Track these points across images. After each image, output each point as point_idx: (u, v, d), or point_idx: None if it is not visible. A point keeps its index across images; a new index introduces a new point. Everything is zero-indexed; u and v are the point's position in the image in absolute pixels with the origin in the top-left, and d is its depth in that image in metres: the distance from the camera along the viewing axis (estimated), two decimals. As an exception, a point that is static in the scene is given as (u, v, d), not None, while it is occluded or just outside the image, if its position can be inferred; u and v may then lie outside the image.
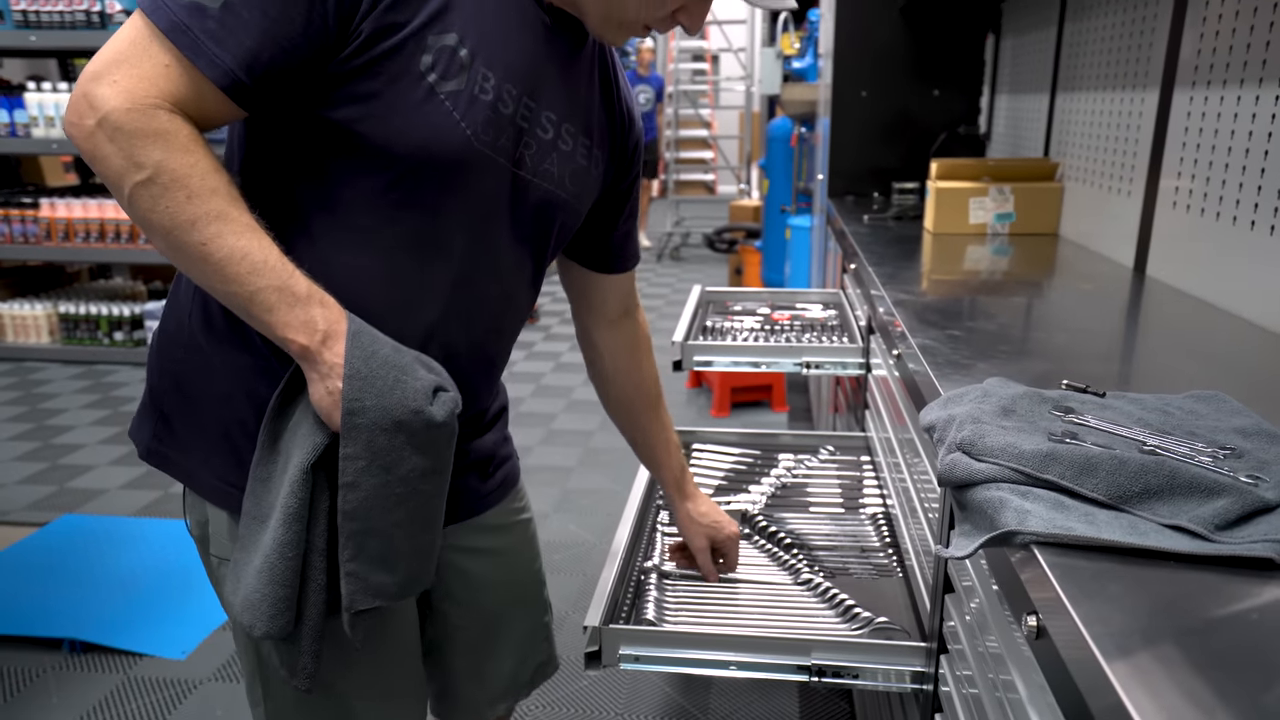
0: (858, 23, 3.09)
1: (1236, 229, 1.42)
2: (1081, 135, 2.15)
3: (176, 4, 0.80)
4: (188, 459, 1.03)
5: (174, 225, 0.82)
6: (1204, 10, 1.55)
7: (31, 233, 4.56)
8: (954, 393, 0.96)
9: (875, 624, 1.21)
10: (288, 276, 0.86)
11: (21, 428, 3.75)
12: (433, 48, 0.89)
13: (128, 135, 0.80)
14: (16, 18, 4.29)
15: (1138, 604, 0.61)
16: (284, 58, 0.84)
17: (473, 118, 0.92)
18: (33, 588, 2.48)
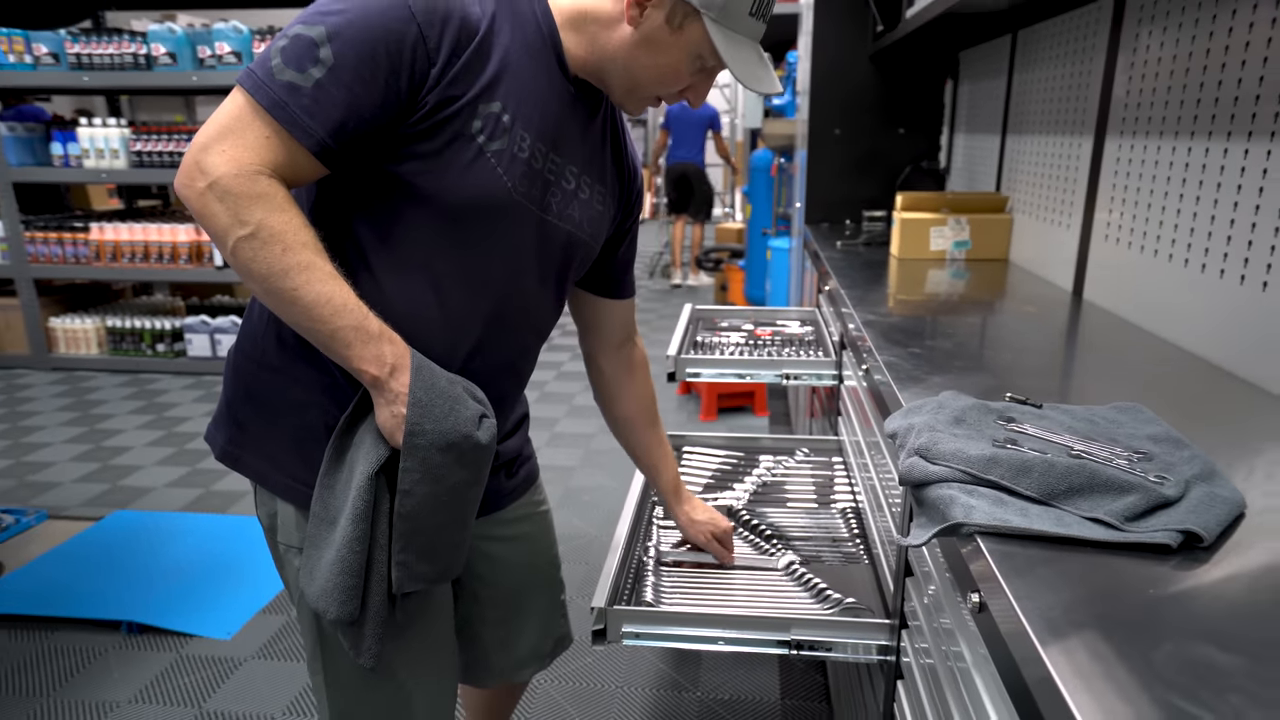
0: (832, 67, 3.11)
1: (1159, 260, 1.44)
2: (1028, 173, 2.16)
3: (276, 83, 0.85)
4: (260, 460, 1.06)
5: (270, 273, 0.87)
6: (1130, 70, 1.58)
7: (82, 254, 4.55)
8: (914, 404, 0.98)
9: (845, 604, 1.21)
10: (363, 317, 0.91)
11: (75, 431, 3.74)
12: (482, 114, 0.94)
13: (235, 197, 0.85)
14: (71, 60, 4.29)
15: (1061, 583, 0.64)
16: (364, 126, 0.89)
17: (513, 173, 0.98)
18: (91, 576, 2.48)
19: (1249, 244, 1.19)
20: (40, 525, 2.81)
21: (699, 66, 1.01)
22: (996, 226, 2.23)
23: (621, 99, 1.07)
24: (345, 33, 0.87)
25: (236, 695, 2.00)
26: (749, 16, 0.97)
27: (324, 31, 0.86)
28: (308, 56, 0.86)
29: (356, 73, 0.87)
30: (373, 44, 0.87)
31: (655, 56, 0.99)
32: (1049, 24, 2.05)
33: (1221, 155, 1.26)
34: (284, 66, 0.86)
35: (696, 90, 1.05)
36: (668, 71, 1.01)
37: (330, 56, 0.86)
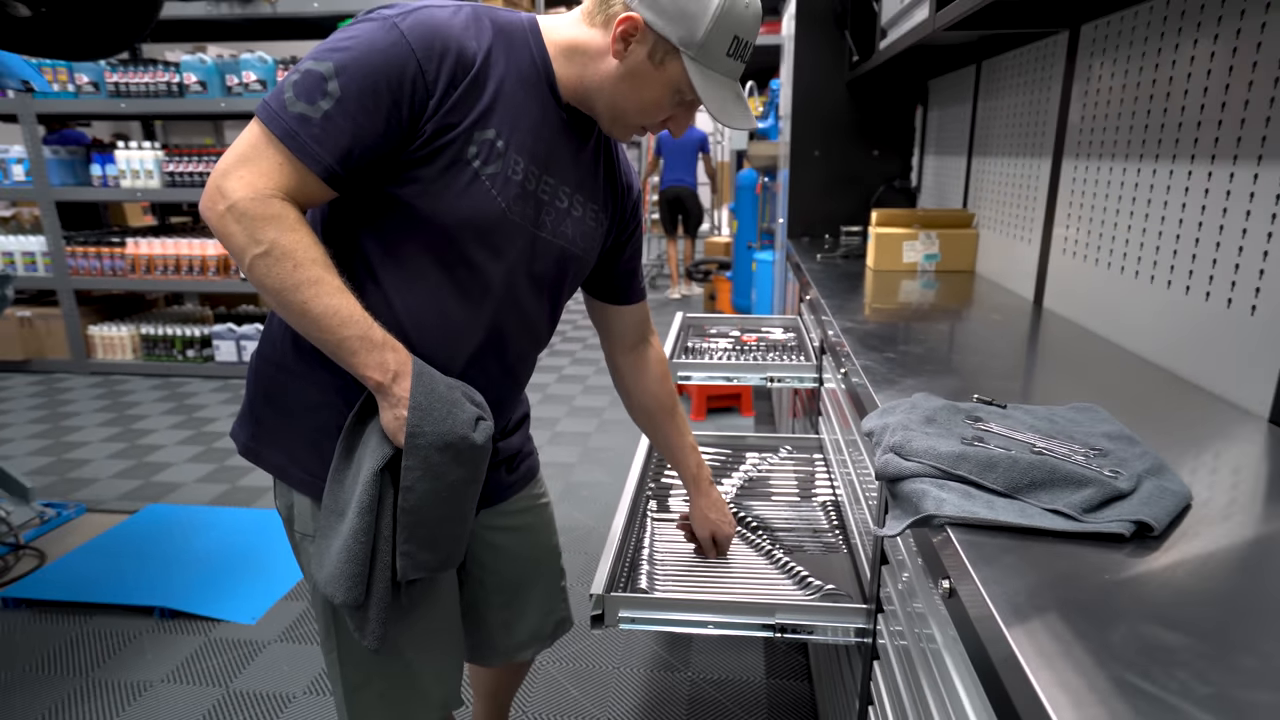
0: (811, 93, 3.11)
1: (1111, 272, 1.44)
2: (992, 192, 2.16)
3: (288, 114, 0.87)
4: (278, 456, 1.07)
5: (283, 288, 0.88)
6: (1084, 98, 1.59)
7: (119, 267, 4.54)
8: (888, 404, 0.98)
9: (826, 590, 1.21)
10: (368, 327, 0.91)
11: (111, 431, 3.73)
12: (477, 140, 0.95)
13: (250, 219, 0.86)
14: (110, 88, 4.29)
15: (1024, 570, 0.65)
16: (369, 153, 0.90)
17: (507, 194, 0.98)
18: (127, 565, 2.47)
19: (1193, 257, 1.20)
20: (79, 518, 2.80)
21: (679, 100, 1.01)
22: (964, 241, 2.23)
23: (608, 127, 1.07)
24: (351, 68, 0.88)
25: (260, 676, 1.99)
26: (726, 57, 0.97)
27: (332, 66, 0.88)
28: (317, 90, 0.87)
29: (361, 104, 0.88)
30: (375, 78, 0.88)
31: (638, 89, 0.99)
32: (1010, 55, 2.06)
33: (1167, 176, 1.27)
34: (295, 99, 0.87)
35: (678, 121, 1.05)
36: (649, 103, 1.01)
37: (337, 89, 0.87)
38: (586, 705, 1.89)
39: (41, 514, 2.73)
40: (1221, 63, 1.14)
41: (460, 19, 0.95)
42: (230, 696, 1.91)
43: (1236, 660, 0.53)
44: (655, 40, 0.95)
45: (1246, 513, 0.78)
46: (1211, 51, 1.17)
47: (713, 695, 1.92)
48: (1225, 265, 1.12)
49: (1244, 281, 1.08)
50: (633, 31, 0.95)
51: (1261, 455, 0.92)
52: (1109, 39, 1.50)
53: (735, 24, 0.95)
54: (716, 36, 0.95)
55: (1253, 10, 1.07)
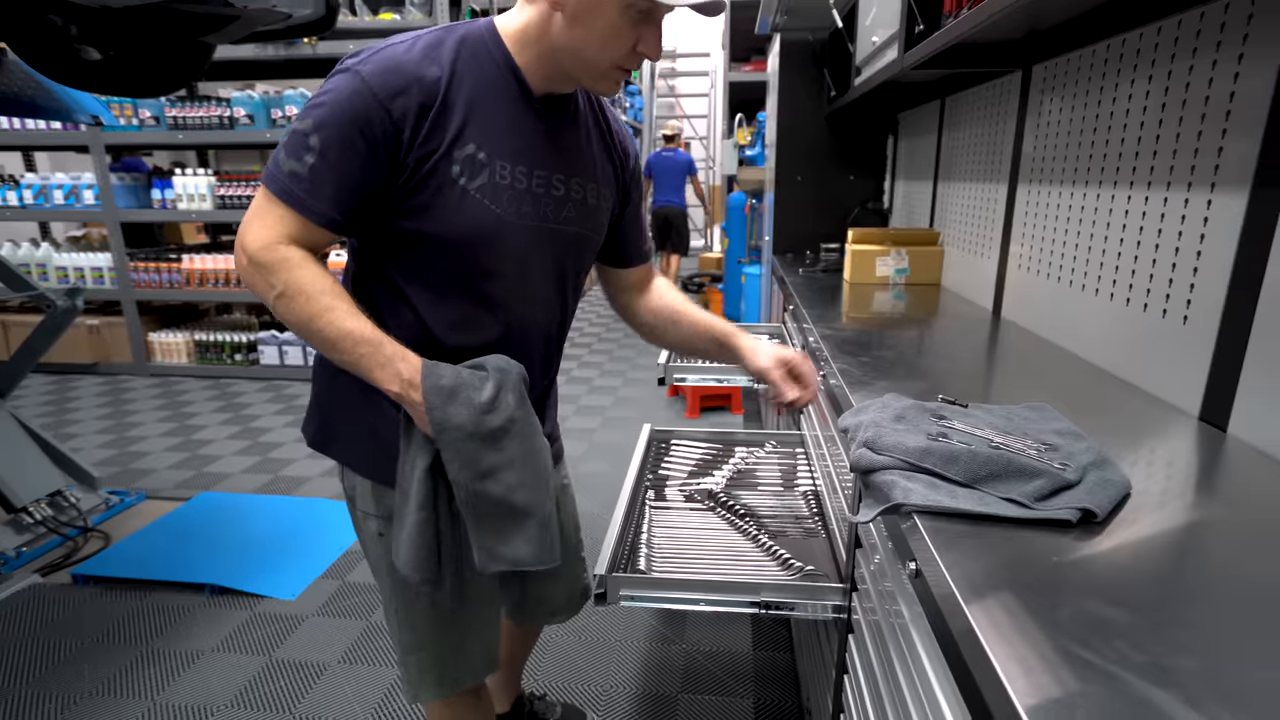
0: (794, 124, 3.12)
1: (1061, 285, 1.44)
2: (956, 213, 2.17)
3: (282, 174, 0.88)
4: (342, 446, 1.07)
5: (300, 321, 0.90)
6: (1036, 131, 1.59)
7: (175, 280, 4.54)
8: (862, 404, 0.98)
9: (806, 571, 1.20)
10: (379, 344, 0.91)
11: (168, 426, 3.73)
12: (458, 159, 0.91)
13: (263, 266, 0.88)
14: (169, 121, 4.30)
15: (982, 553, 0.65)
16: (359, 195, 0.90)
17: (499, 200, 0.95)
18: (181, 546, 2.47)
19: (1132, 273, 1.20)
20: (139, 504, 2.80)
21: (634, 16, 0.89)
22: (930, 257, 2.24)
23: (591, 84, 0.96)
24: (327, 122, 0.87)
25: (300, 646, 1.99)
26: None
27: (311, 124, 0.87)
28: (302, 147, 0.87)
29: (341, 153, 0.87)
30: (347, 127, 0.86)
31: (592, 25, 0.89)
32: (970, 92, 2.07)
33: (1109, 200, 1.27)
34: (287, 159, 0.88)
35: (646, 41, 0.91)
36: (609, 34, 0.89)
37: (318, 143, 0.87)
38: (592, 674, 1.89)
39: (107, 500, 2.73)
40: (1155, 101, 1.15)
41: (419, 49, 0.90)
42: (272, 664, 1.91)
43: (1168, 632, 0.53)
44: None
45: (1179, 501, 0.78)
46: (1147, 90, 1.17)
47: (705, 665, 1.92)
48: (1160, 280, 1.12)
49: (1176, 294, 1.08)
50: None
51: (1192, 449, 0.93)
52: (1057, 78, 1.50)
53: None
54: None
55: (1181, 56, 1.08)
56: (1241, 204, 0.95)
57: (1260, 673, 0.50)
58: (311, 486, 2.97)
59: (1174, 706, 0.46)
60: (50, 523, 2.48)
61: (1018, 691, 0.47)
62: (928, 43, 1.51)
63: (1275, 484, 0.81)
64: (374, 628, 2.07)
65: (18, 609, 2.15)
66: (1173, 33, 1.11)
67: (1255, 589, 0.60)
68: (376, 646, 1.99)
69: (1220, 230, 0.99)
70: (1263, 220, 0.91)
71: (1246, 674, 0.50)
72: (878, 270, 2.24)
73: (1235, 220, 0.96)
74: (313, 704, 1.78)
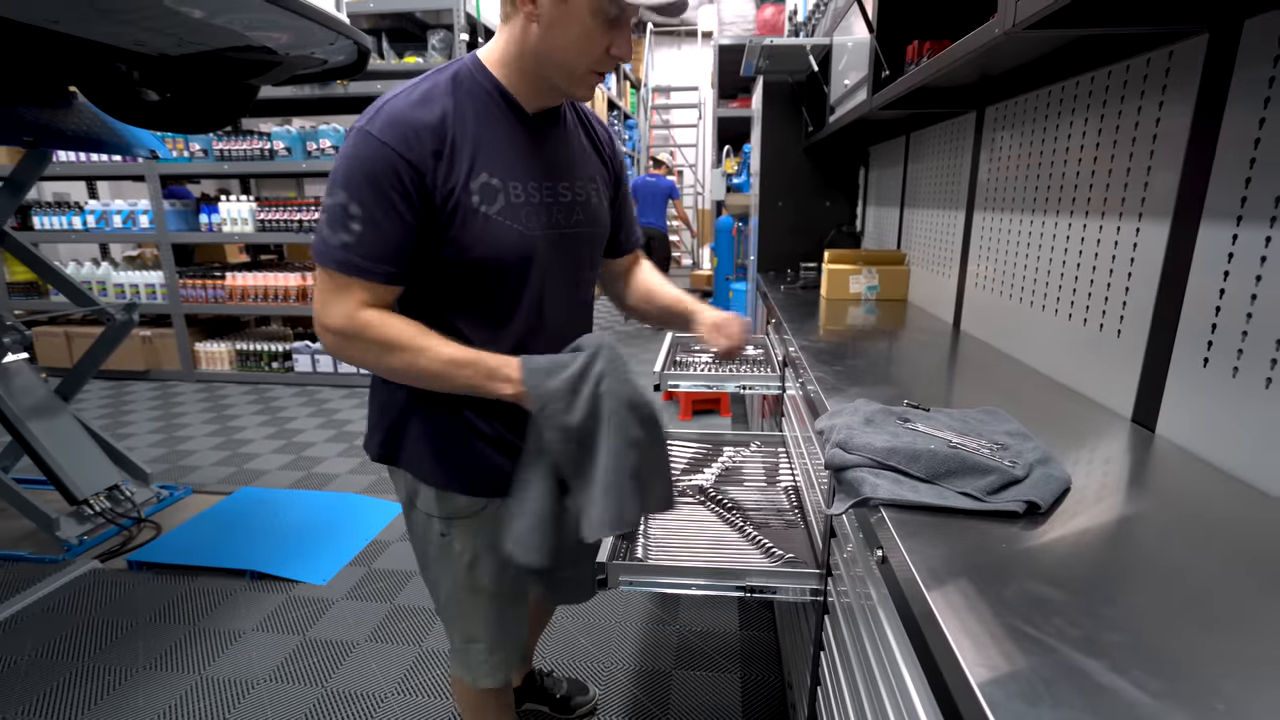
0: (776, 156, 3.12)
1: (1013, 302, 1.45)
2: (920, 236, 2.17)
3: (333, 249, 0.87)
4: (408, 456, 1.04)
5: (405, 369, 0.90)
6: (989, 163, 1.60)
7: (220, 295, 4.55)
8: (836, 408, 0.99)
9: (787, 558, 1.20)
10: (478, 361, 0.91)
11: (212, 427, 3.73)
12: (475, 189, 0.91)
13: (351, 338, 0.88)
14: (216, 154, 4.32)
15: (940, 541, 0.66)
16: (407, 244, 0.90)
17: (517, 218, 0.94)
18: (224, 535, 2.48)
19: (1074, 291, 1.21)
20: (187, 498, 2.81)
21: (604, 21, 0.87)
22: (898, 275, 2.24)
23: (570, 89, 0.94)
24: (358, 187, 0.85)
25: (330, 627, 1.99)
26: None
27: (344, 195, 0.86)
28: (344, 217, 0.86)
29: (380, 210, 0.86)
30: (376, 185, 0.85)
31: (566, 32, 0.87)
32: (932, 129, 2.08)
33: (1054, 227, 1.28)
34: (333, 234, 0.86)
35: (617, 44, 0.90)
36: (583, 39, 0.88)
37: (357, 209, 0.85)
38: (594, 652, 1.89)
39: (158, 494, 2.74)
40: (1091, 140, 1.16)
41: (416, 96, 0.89)
42: (306, 643, 1.92)
43: (1100, 610, 0.55)
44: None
45: (1113, 494, 0.79)
46: (1084, 131, 1.19)
47: (696, 644, 1.92)
48: (1098, 298, 1.13)
49: (1111, 311, 1.09)
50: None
51: (1125, 448, 0.94)
52: (1008, 118, 1.52)
53: None
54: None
55: (1112, 100, 1.10)
56: (1164, 232, 0.96)
57: (1176, 643, 0.51)
58: (341, 482, 2.97)
59: (1101, 673, 0.47)
60: (108, 514, 2.49)
61: (968, 662, 0.49)
62: (892, 86, 1.53)
63: (1197, 478, 0.82)
64: (397, 610, 2.07)
65: (80, 592, 2.16)
66: (1104, 81, 1.13)
67: (1176, 572, 0.61)
68: (400, 627, 1.99)
69: (1147, 255, 1.00)
70: (1182, 247, 0.93)
71: (1165, 645, 0.51)
72: (851, 287, 2.25)
73: (1159, 246, 0.97)
74: (342, 679, 1.78)
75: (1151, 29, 0.91)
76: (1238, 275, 0.83)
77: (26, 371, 2.51)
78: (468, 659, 1.13)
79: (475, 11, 4.11)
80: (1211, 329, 0.87)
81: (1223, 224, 0.86)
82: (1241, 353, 0.82)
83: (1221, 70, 0.87)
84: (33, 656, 1.86)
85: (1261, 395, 0.79)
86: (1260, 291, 0.80)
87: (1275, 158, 0.78)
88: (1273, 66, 0.79)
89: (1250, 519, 0.72)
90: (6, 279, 4.82)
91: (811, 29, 2.94)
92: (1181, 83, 0.94)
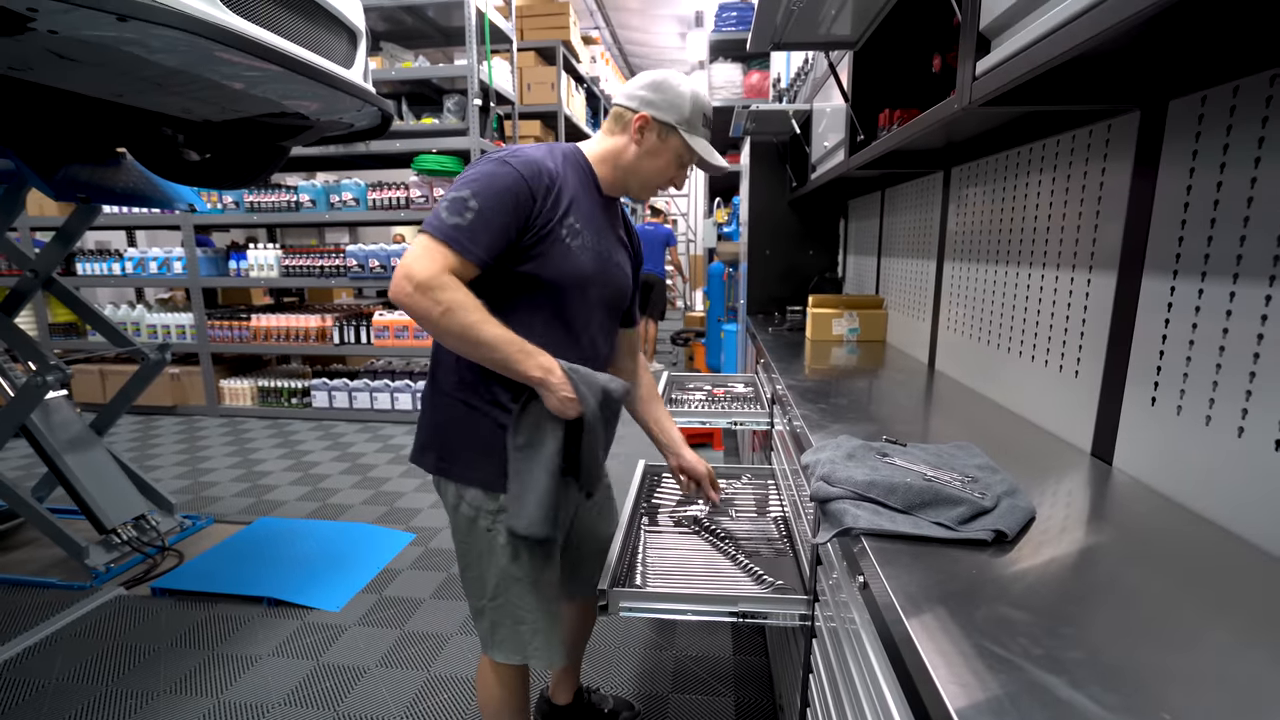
0: (762, 208, 3.18)
1: (980, 343, 1.47)
2: (896, 282, 2.20)
3: (446, 225, 0.99)
4: (461, 467, 1.15)
5: (462, 327, 0.99)
6: (957, 217, 1.65)
7: (245, 335, 4.58)
8: (820, 443, 1.00)
9: (777, 585, 1.20)
10: (521, 343, 1.03)
11: (234, 460, 3.72)
12: (566, 226, 1.09)
13: (432, 289, 0.97)
14: (246, 205, 4.40)
15: (916, 568, 0.67)
16: (502, 245, 1.03)
17: (586, 254, 1.12)
18: (243, 563, 2.46)
19: (1034, 335, 1.24)
20: (209, 527, 2.79)
21: (679, 163, 1.17)
22: (877, 319, 2.27)
23: (638, 194, 1.20)
24: (483, 191, 1.01)
25: (342, 652, 1.96)
26: (703, 126, 1.15)
27: (469, 192, 1.01)
28: (463, 207, 1.00)
29: (494, 212, 1.01)
30: (502, 195, 1.01)
31: (655, 161, 1.15)
32: (904, 186, 2.14)
33: (1015, 275, 1.32)
34: (450, 215, 1.00)
35: (677, 180, 1.20)
36: (663, 169, 1.16)
37: (477, 205, 1.00)
38: (595, 677, 1.86)
39: (181, 523, 2.72)
40: (1045, 199, 1.21)
41: (543, 153, 1.10)
42: (319, 668, 1.89)
43: (1061, 630, 0.56)
44: (660, 126, 1.13)
45: (1075, 524, 0.80)
46: (1037, 191, 1.23)
47: (691, 669, 1.90)
48: (1056, 341, 1.16)
49: (1069, 353, 1.12)
50: (645, 124, 1.13)
51: (1085, 480, 0.95)
52: (973, 177, 1.57)
53: (702, 105, 1.14)
54: (694, 114, 1.13)
55: (1061, 164, 1.15)
56: (1112, 282, 1.00)
57: (1130, 661, 0.52)
58: (354, 513, 2.95)
59: (1061, 688, 0.49)
60: (134, 542, 2.47)
61: (941, 679, 0.50)
62: (867, 150, 1.59)
63: (1151, 508, 0.84)
64: (407, 636, 2.04)
65: (106, 617, 2.13)
66: (1054, 148, 1.18)
67: (1131, 595, 0.63)
68: (409, 653, 1.96)
69: (1099, 303, 1.04)
70: (1128, 295, 0.96)
71: (1120, 662, 0.52)
72: (834, 330, 2.28)
73: (1108, 295, 1.01)
74: (354, 703, 1.75)
75: (1088, 107, 0.97)
76: (1177, 322, 0.86)
77: (65, 408, 2.52)
78: (518, 638, 1.18)
79: (488, 79, 4.25)
80: (1157, 370, 0.90)
81: (1162, 276, 0.90)
82: (1184, 393, 0.85)
83: (1153, 141, 0.92)
84: (60, 679, 1.83)
85: (1202, 431, 0.82)
86: (1197, 337, 0.83)
87: (1204, 218, 0.82)
88: (1195, 141, 0.84)
89: (1197, 545, 0.74)
90: (49, 320, 4.86)
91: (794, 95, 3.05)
92: (1120, 152, 1.00)
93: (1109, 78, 0.83)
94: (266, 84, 1.62)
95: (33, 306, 4.83)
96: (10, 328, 2.25)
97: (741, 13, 4.85)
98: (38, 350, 2.27)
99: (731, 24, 4.82)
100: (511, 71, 4.83)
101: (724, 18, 4.88)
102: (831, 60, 1.96)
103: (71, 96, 1.65)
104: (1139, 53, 0.72)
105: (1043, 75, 0.74)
